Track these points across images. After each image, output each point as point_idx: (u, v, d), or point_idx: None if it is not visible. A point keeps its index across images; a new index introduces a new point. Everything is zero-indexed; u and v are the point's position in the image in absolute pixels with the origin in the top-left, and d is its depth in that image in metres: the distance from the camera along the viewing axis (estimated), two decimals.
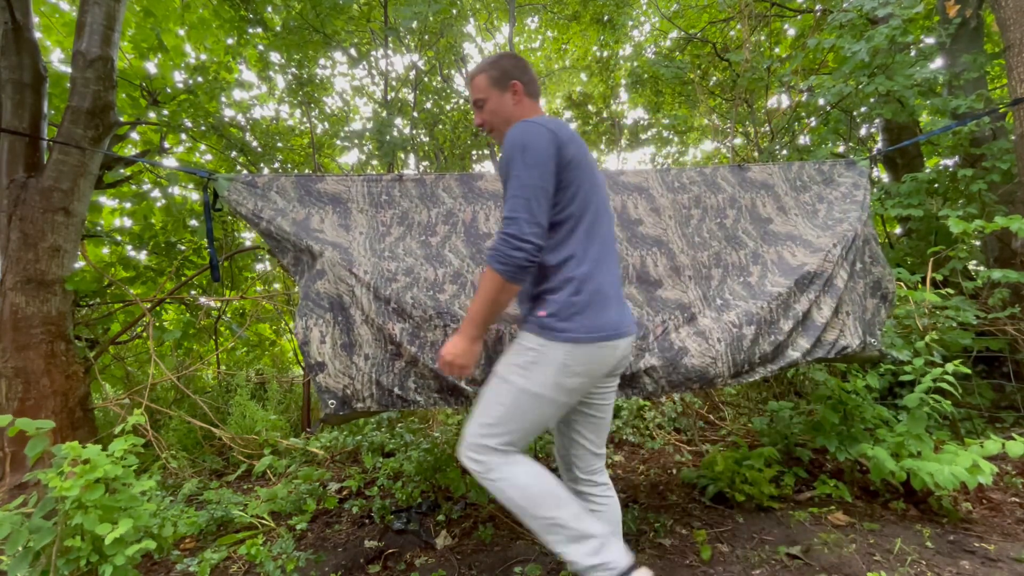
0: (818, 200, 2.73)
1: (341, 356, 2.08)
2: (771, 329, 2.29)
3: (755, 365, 2.23)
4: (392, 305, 2.11)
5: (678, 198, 2.60)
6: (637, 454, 3.93)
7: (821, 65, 6.63)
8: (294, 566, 2.44)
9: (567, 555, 1.51)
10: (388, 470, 3.46)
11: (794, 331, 2.32)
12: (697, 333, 2.23)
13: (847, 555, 2.29)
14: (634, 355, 2.17)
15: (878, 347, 2.52)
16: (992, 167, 4.15)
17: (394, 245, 2.28)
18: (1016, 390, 3.77)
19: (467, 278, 2.25)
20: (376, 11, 6.41)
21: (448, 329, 2.10)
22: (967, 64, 4.57)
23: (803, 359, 2.32)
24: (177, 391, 4.29)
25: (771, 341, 2.26)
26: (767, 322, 2.29)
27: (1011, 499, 2.81)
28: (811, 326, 2.36)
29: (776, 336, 2.27)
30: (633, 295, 2.34)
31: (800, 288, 2.39)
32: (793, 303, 2.36)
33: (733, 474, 2.96)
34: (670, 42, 8.57)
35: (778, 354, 2.29)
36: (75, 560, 2.07)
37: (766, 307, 2.30)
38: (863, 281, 2.60)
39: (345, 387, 2.07)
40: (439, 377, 2.08)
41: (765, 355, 2.24)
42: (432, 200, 2.41)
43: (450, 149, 7.67)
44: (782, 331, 2.28)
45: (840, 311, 2.44)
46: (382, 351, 2.10)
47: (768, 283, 2.41)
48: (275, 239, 2.20)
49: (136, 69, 4.97)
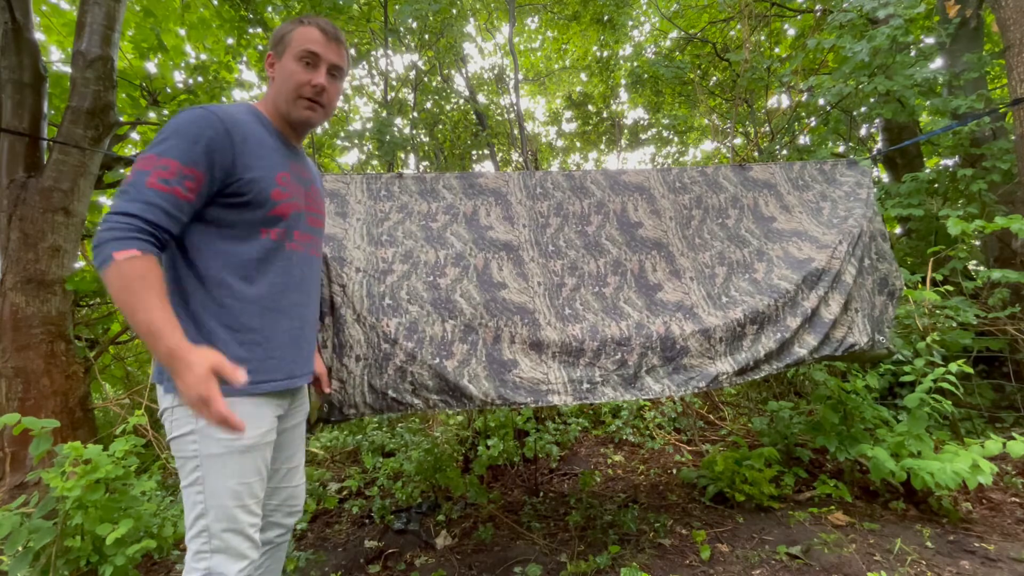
0: (821, 198, 2.70)
1: (332, 359, 2.00)
2: (777, 327, 2.25)
3: (760, 363, 2.19)
4: (387, 301, 2.06)
5: (679, 199, 2.57)
6: (637, 454, 3.93)
7: (821, 65, 6.63)
8: (294, 566, 2.44)
9: None
10: (388, 470, 3.46)
11: (801, 328, 2.27)
12: (699, 332, 2.20)
13: (847, 555, 2.29)
14: (638, 355, 2.14)
15: (886, 344, 2.47)
16: (992, 167, 4.15)
17: (393, 229, 2.24)
18: (1016, 390, 3.77)
19: (470, 262, 2.20)
20: (376, 11, 6.40)
21: (447, 324, 2.05)
22: (967, 64, 4.57)
23: (810, 356, 2.28)
24: None
25: (777, 339, 2.22)
26: (772, 320, 2.26)
27: (1011, 499, 2.81)
28: (819, 323, 2.31)
29: (783, 333, 2.24)
30: (632, 299, 2.31)
31: (808, 284, 2.34)
32: (801, 300, 2.32)
33: (733, 474, 2.96)
34: (670, 42, 8.57)
35: (784, 351, 2.24)
36: (75, 560, 2.07)
37: (772, 304, 2.27)
38: (871, 277, 2.56)
39: (336, 391, 1.99)
40: (439, 376, 2.00)
41: (771, 352, 2.20)
42: (432, 195, 2.40)
43: (450, 149, 7.67)
44: (789, 328, 2.25)
45: (849, 308, 2.39)
46: (375, 351, 2.01)
47: (775, 277, 2.36)
48: None
49: (136, 69, 4.97)
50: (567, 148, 10.21)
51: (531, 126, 10.55)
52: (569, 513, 2.87)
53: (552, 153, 10.26)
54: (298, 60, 1.38)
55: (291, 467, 1.56)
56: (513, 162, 9.03)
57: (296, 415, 1.56)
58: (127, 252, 1.13)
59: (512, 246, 2.31)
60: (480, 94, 8.77)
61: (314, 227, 1.49)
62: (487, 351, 2.06)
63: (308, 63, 1.39)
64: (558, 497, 3.17)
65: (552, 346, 2.10)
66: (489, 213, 2.40)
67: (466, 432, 3.82)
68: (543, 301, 2.20)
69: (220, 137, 1.25)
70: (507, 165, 8.98)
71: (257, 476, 1.32)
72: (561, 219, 2.44)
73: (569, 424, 4.13)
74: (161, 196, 1.18)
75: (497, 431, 3.70)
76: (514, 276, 2.22)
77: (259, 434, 1.31)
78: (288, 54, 1.39)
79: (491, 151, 8.21)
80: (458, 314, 2.09)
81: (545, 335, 2.11)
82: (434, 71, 7.32)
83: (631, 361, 2.13)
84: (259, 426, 1.32)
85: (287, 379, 1.40)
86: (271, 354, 1.35)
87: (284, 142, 1.44)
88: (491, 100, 8.89)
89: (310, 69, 1.39)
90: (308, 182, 1.49)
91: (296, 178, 1.42)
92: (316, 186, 1.55)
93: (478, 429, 3.78)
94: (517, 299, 2.15)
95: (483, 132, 7.66)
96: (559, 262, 2.30)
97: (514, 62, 7.44)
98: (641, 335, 2.17)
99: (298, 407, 1.56)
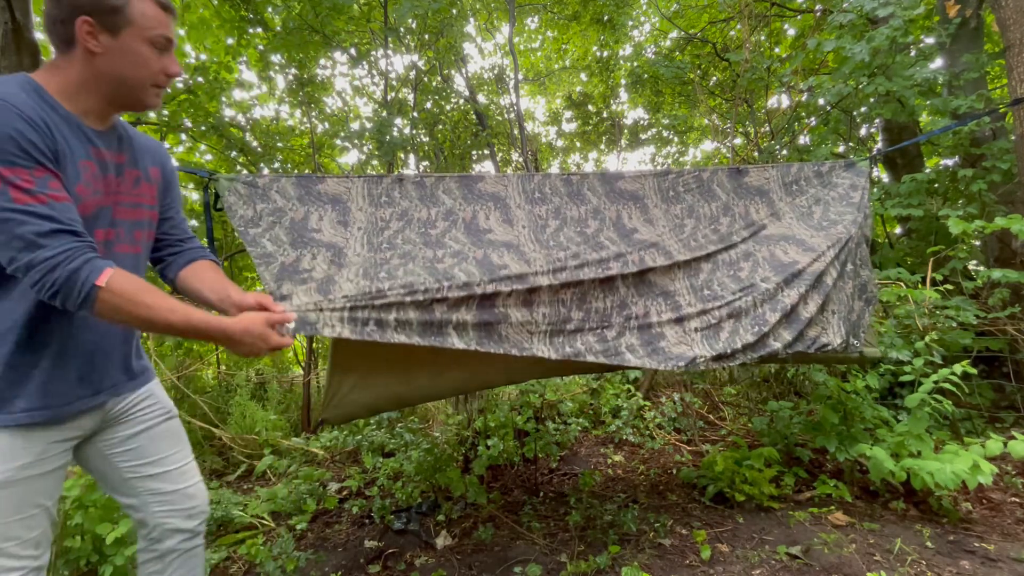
0: (814, 202, 2.77)
1: (314, 294, 1.95)
2: (755, 320, 2.35)
3: (736, 352, 2.29)
4: (382, 273, 2.07)
5: (671, 209, 2.63)
6: (637, 454, 3.93)
7: (821, 65, 6.63)
8: (294, 566, 2.44)
9: None
10: (388, 470, 3.46)
11: (779, 324, 2.37)
12: (676, 321, 2.31)
13: (847, 555, 2.29)
14: (616, 332, 2.24)
15: (859, 348, 2.58)
16: (992, 167, 4.15)
17: (392, 237, 2.28)
18: (1016, 390, 3.77)
19: (468, 255, 2.23)
20: (376, 11, 6.40)
21: (445, 291, 2.02)
22: (967, 64, 4.57)
23: (784, 351, 2.37)
24: (177, 391, 4.29)
25: (755, 332, 2.31)
26: (749, 314, 2.36)
27: (1011, 499, 2.81)
28: (795, 320, 2.41)
29: (760, 327, 2.32)
30: (630, 280, 2.39)
31: (788, 283, 2.44)
32: (781, 296, 2.42)
33: (733, 474, 2.96)
34: (670, 42, 8.57)
35: (760, 344, 2.34)
36: (75, 560, 2.07)
37: (751, 300, 2.37)
38: (852, 282, 2.65)
39: (311, 311, 1.88)
40: (425, 319, 1.97)
41: (748, 344, 2.30)
42: (432, 200, 2.42)
43: (450, 149, 7.67)
44: (767, 322, 2.33)
45: (826, 309, 2.49)
46: (365, 295, 1.97)
47: (758, 277, 2.46)
48: (261, 247, 2.16)
49: None
50: (567, 148, 10.21)
51: (531, 126, 10.55)
52: (569, 513, 2.87)
53: (552, 153, 10.26)
54: (150, 44, 1.21)
55: (164, 471, 1.43)
56: (513, 162, 9.03)
57: (139, 418, 1.41)
58: (103, 274, 1.06)
59: (512, 244, 2.33)
60: (480, 94, 8.77)
61: (128, 219, 1.32)
62: (478, 305, 2.08)
63: (161, 48, 1.23)
64: (558, 497, 3.17)
65: (543, 305, 2.19)
66: (488, 217, 2.41)
67: (466, 432, 3.82)
68: (545, 275, 2.26)
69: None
70: (507, 165, 8.98)
71: (16, 515, 1.15)
72: (560, 221, 2.49)
73: (569, 424, 4.13)
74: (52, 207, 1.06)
75: (497, 431, 3.70)
76: (516, 261, 2.26)
77: (12, 468, 1.14)
78: (132, 34, 1.18)
79: (491, 151, 8.21)
80: (460, 286, 2.10)
81: (537, 297, 2.19)
82: (434, 71, 7.32)
83: (610, 336, 2.23)
84: (12, 460, 1.14)
85: (58, 407, 1.21)
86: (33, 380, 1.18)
87: (78, 125, 1.20)
88: (491, 100, 8.89)
89: (164, 55, 1.24)
90: (120, 167, 1.30)
91: (100, 166, 1.24)
92: (130, 169, 1.34)
93: (478, 429, 3.78)
94: (516, 270, 2.20)
95: (483, 132, 7.66)
96: (562, 253, 2.35)
97: (514, 62, 7.44)
98: (622, 315, 2.28)
99: (138, 410, 1.42)
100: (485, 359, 2.35)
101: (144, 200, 1.38)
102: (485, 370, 2.72)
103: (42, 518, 1.21)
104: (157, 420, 1.45)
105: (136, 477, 1.40)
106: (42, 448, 1.19)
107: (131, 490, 1.41)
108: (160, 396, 1.49)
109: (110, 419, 1.37)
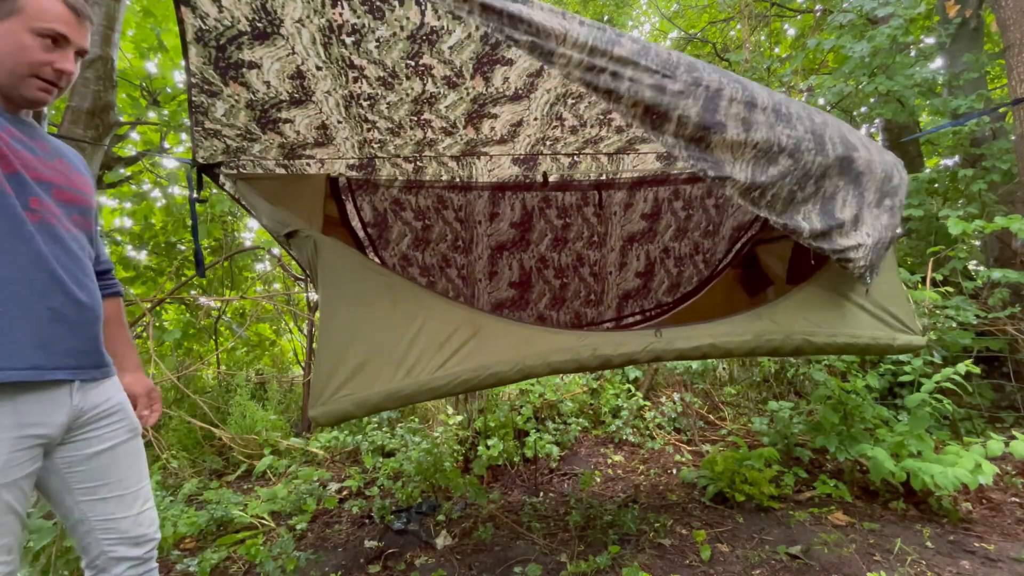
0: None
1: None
2: (801, 183, 1.93)
3: (769, 197, 1.88)
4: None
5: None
6: (637, 454, 3.93)
7: (821, 65, 6.63)
8: (294, 566, 2.44)
9: None
10: (388, 470, 3.47)
11: (812, 197, 2.00)
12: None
13: (847, 555, 2.29)
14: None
15: (869, 284, 2.25)
16: (992, 167, 4.15)
17: None
18: (1016, 390, 3.77)
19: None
20: None
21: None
22: (967, 64, 4.57)
23: (808, 238, 2.01)
24: (177, 391, 4.29)
25: (788, 192, 1.90)
26: (790, 173, 1.88)
27: (1011, 499, 2.81)
28: (828, 211, 2.06)
29: (800, 192, 1.95)
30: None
31: (837, 169, 2.02)
32: (825, 183, 2.01)
33: (733, 474, 2.96)
34: (670, 42, 8.57)
35: (789, 207, 1.96)
36: (75, 560, 2.07)
37: (802, 161, 1.89)
38: (885, 216, 2.30)
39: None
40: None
41: (777, 196, 1.88)
42: None
43: None
44: (805, 190, 1.95)
45: (860, 224, 2.14)
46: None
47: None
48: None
49: (136, 69, 4.97)
50: None
51: None
52: (569, 513, 2.87)
53: None
54: (36, 35, 1.18)
55: (119, 495, 1.36)
56: None
57: (105, 435, 1.35)
58: None
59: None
60: None
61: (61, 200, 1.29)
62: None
63: (54, 41, 1.20)
64: (558, 497, 3.17)
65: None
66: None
67: (466, 432, 3.82)
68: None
69: None
70: None
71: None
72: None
73: (569, 424, 4.13)
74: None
75: (497, 431, 3.71)
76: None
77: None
78: (18, 21, 1.17)
79: None
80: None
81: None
82: None
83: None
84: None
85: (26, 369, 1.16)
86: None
87: None
88: None
89: (54, 49, 1.21)
90: (51, 155, 1.30)
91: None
92: (66, 160, 1.34)
93: (478, 429, 3.78)
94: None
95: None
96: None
97: None
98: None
99: (105, 425, 1.35)
100: (503, 334, 1.99)
101: (78, 186, 1.35)
102: (497, 355, 2.25)
103: (13, 524, 1.16)
104: (123, 439, 1.39)
105: (90, 500, 1.33)
106: (7, 456, 1.14)
107: (81, 514, 1.34)
108: (128, 412, 1.44)
109: (77, 427, 1.30)
